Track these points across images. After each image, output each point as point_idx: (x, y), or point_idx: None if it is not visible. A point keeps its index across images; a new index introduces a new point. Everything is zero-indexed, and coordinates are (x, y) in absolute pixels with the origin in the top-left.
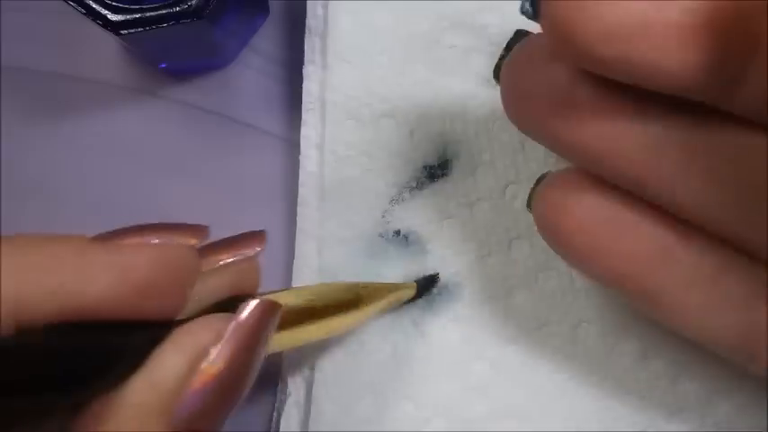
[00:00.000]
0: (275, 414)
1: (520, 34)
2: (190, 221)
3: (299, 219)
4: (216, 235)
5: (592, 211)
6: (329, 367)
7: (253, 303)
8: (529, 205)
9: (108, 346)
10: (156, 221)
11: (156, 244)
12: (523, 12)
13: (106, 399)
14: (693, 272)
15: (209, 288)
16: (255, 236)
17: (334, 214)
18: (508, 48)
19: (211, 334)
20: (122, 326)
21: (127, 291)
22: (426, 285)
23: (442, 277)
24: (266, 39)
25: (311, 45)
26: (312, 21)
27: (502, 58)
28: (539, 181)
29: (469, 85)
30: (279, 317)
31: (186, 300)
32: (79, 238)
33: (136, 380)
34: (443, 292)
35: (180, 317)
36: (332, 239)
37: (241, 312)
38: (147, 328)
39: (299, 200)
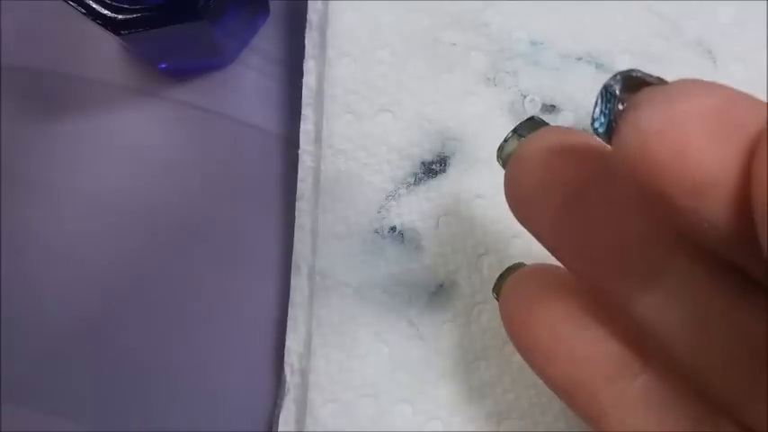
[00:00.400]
0: (275, 410)
1: (534, 123)
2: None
3: (297, 214)
4: (216, 234)
5: (558, 317)
6: (324, 369)
7: None
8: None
9: None
10: None
11: None
12: (594, 127)
13: None
14: (645, 394)
15: None
16: None
17: (331, 209)
18: (516, 131)
19: None
20: None
21: None
22: None
23: (439, 276)
24: (266, 39)
25: (312, 40)
26: (313, 15)
27: (507, 140)
28: (510, 269)
29: (469, 83)
30: None
31: None
32: None
33: None
34: (440, 291)
35: None
36: (328, 235)
37: None
38: None
39: (297, 195)
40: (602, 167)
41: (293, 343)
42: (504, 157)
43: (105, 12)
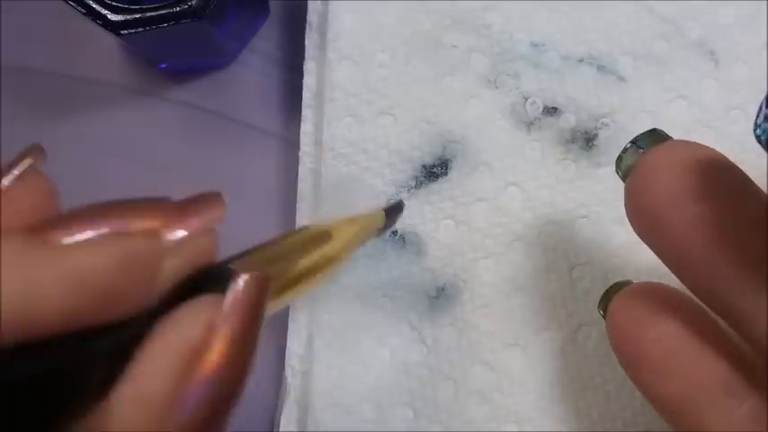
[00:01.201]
0: (276, 412)
1: (657, 135)
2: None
3: (297, 216)
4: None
5: (670, 333)
6: (326, 373)
7: (242, 280)
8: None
9: (75, 359)
10: (109, 201)
11: (112, 238)
12: (757, 134)
13: (93, 420)
14: (752, 417)
15: (167, 269)
16: (213, 200)
17: (332, 212)
18: (635, 142)
19: (199, 324)
20: (86, 334)
21: (85, 301)
22: (393, 212)
23: (440, 280)
24: (266, 39)
25: (312, 41)
26: (312, 16)
27: (625, 150)
28: (617, 285)
29: (470, 85)
30: (270, 289)
31: (153, 293)
32: (19, 236)
33: (120, 393)
34: (441, 295)
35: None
36: None
37: (233, 292)
38: (118, 330)
39: (297, 196)
40: (739, 185)
41: (294, 345)
42: (624, 168)
43: (105, 12)
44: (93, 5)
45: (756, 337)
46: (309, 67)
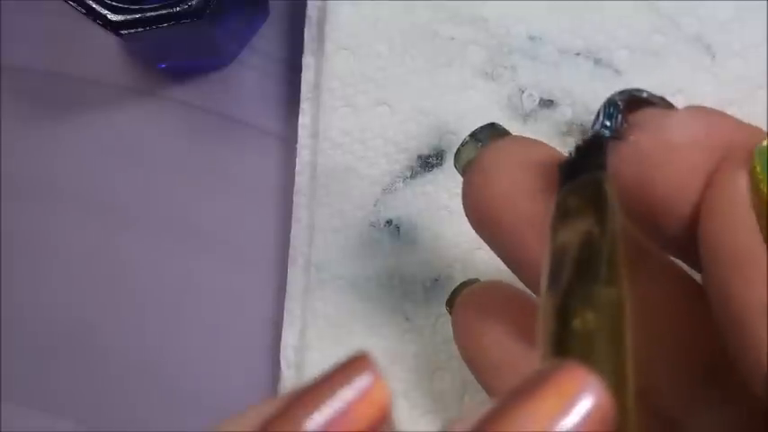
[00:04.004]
0: None
1: (495, 130)
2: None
3: (294, 208)
4: (215, 234)
5: (511, 333)
6: (319, 363)
7: None
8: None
9: None
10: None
11: None
12: (597, 130)
13: None
14: None
15: None
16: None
17: (327, 202)
18: (474, 136)
19: None
20: None
21: None
22: None
23: (435, 270)
24: (266, 39)
25: (311, 34)
26: (312, 11)
27: (464, 144)
28: (464, 284)
29: (467, 77)
30: None
31: None
32: None
33: None
34: (436, 286)
35: None
36: (324, 228)
37: None
38: None
39: (294, 188)
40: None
41: (289, 336)
42: (462, 163)
43: (105, 12)
44: (93, 5)
45: None
46: (308, 61)
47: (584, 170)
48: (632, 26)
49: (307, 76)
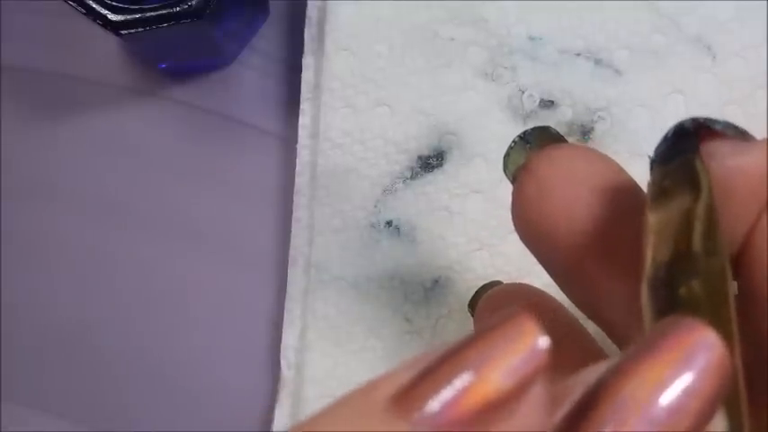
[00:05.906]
0: (273, 405)
1: (548, 134)
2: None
3: (294, 208)
4: (216, 234)
5: None
6: (319, 363)
7: None
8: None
9: None
10: None
11: None
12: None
13: None
14: None
15: None
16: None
17: (327, 203)
18: (524, 137)
19: None
20: None
21: None
22: None
23: (435, 271)
24: (266, 39)
25: (311, 35)
26: (312, 11)
27: (513, 146)
28: (486, 286)
29: (467, 78)
30: None
31: None
32: None
33: None
34: (436, 286)
35: None
36: (324, 229)
37: None
38: None
39: (294, 189)
40: (633, 200)
41: (289, 337)
42: (511, 167)
43: (105, 12)
44: (93, 5)
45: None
46: (308, 61)
47: (676, 155)
48: (632, 26)
49: (307, 77)
